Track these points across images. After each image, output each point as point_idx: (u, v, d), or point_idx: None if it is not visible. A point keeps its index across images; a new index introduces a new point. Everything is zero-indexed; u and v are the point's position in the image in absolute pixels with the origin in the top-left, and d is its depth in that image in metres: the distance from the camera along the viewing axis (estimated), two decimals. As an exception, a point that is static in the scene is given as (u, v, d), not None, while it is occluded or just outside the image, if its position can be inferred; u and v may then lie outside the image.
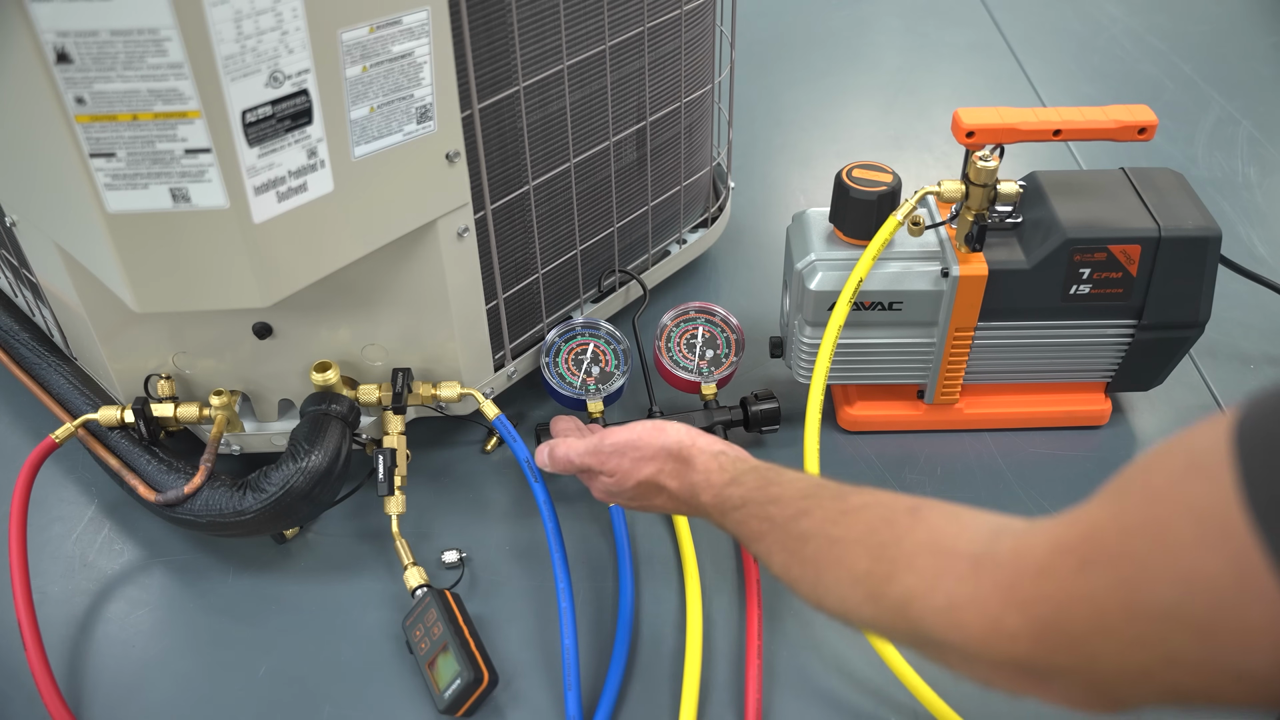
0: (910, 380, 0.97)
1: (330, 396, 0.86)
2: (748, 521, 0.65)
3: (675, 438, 0.73)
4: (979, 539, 0.48)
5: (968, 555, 0.48)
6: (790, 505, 0.61)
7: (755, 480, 0.66)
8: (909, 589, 0.50)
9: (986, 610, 0.45)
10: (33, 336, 0.98)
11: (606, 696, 0.78)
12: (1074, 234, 0.86)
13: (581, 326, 1.01)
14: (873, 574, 0.52)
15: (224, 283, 0.71)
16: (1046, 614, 0.42)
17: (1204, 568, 0.36)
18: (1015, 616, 0.44)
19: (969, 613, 0.46)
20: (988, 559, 0.46)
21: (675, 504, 0.74)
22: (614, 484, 0.76)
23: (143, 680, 0.82)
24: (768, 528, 0.62)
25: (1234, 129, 1.45)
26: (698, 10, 0.97)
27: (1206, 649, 0.37)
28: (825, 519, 0.58)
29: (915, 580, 0.50)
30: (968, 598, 0.46)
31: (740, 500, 0.66)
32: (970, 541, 0.48)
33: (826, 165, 1.34)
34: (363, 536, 0.92)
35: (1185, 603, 0.37)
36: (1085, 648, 0.41)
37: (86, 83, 0.61)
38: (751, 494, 0.65)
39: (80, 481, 0.98)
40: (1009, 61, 1.63)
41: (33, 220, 0.80)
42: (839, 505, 0.58)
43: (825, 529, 0.57)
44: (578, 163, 0.94)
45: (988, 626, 0.45)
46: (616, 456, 0.75)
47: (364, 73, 0.68)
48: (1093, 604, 0.40)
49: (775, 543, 0.61)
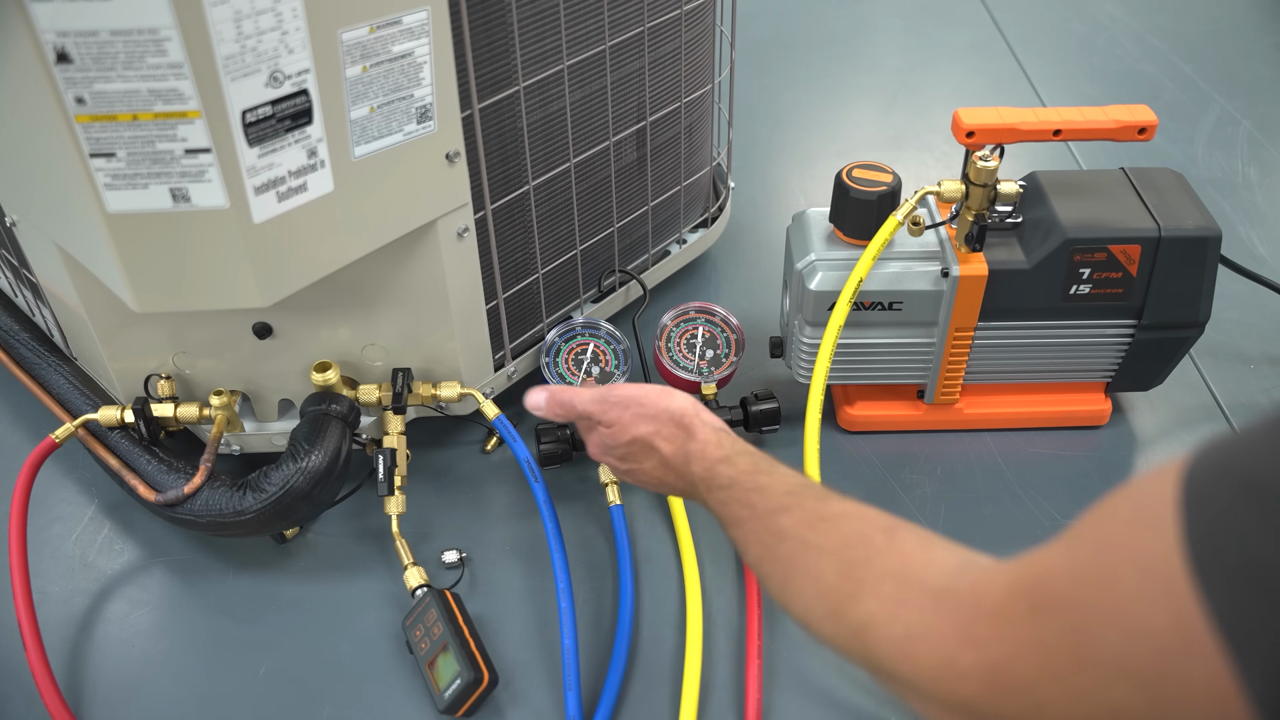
0: (910, 380, 0.97)
1: (330, 396, 0.86)
2: (730, 504, 0.65)
3: (680, 405, 0.73)
4: (944, 573, 0.48)
5: (931, 589, 0.48)
6: (774, 498, 0.62)
7: (747, 464, 0.66)
8: (870, 613, 0.50)
9: (941, 646, 0.45)
10: (33, 336, 0.98)
11: (606, 696, 0.78)
12: (1074, 234, 0.86)
13: (581, 326, 1.01)
14: (838, 590, 0.53)
15: (224, 283, 0.71)
16: (998, 657, 0.42)
17: (1148, 621, 0.36)
18: (968, 656, 0.44)
19: (923, 646, 0.46)
20: (948, 595, 0.46)
21: (664, 470, 0.73)
22: (609, 435, 0.75)
23: (143, 680, 0.82)
24: (748, 515, 0.62)
25: (1234, 129, 1.45)
26: (698, 10, 0.97)
27: (1149, 704, 0.37)
28: (804, 520, 0.58)
29: (877, 606, 0.50)
30: (925, 631, 0.46)
31: (728, 480, 0.66)
32: (936, 575, 0.48)
33: (826, 165, 1.34)
34: (363, 536, 0.92)
35: (1130, 654, 0.37)
36: (1032, 694, 0.41)
37: (86, 83, 0.61)
38: (740, 477, 0.65)
39: (80, 481, 0.98)
40: (1009, 61, 1.63)
41: (33, 220, 0.80)
42: (819, 509, 0.58)
43: (802, 531, 0.58)
44: (578, 163, 0.94)
45: (940, 663, 0.45)
46: (619, 408, 0.75)
47: (364, 73, 0.68)
48: (1042, 650, 0.40)
49: (752, 532, 0.62)
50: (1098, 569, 0.39)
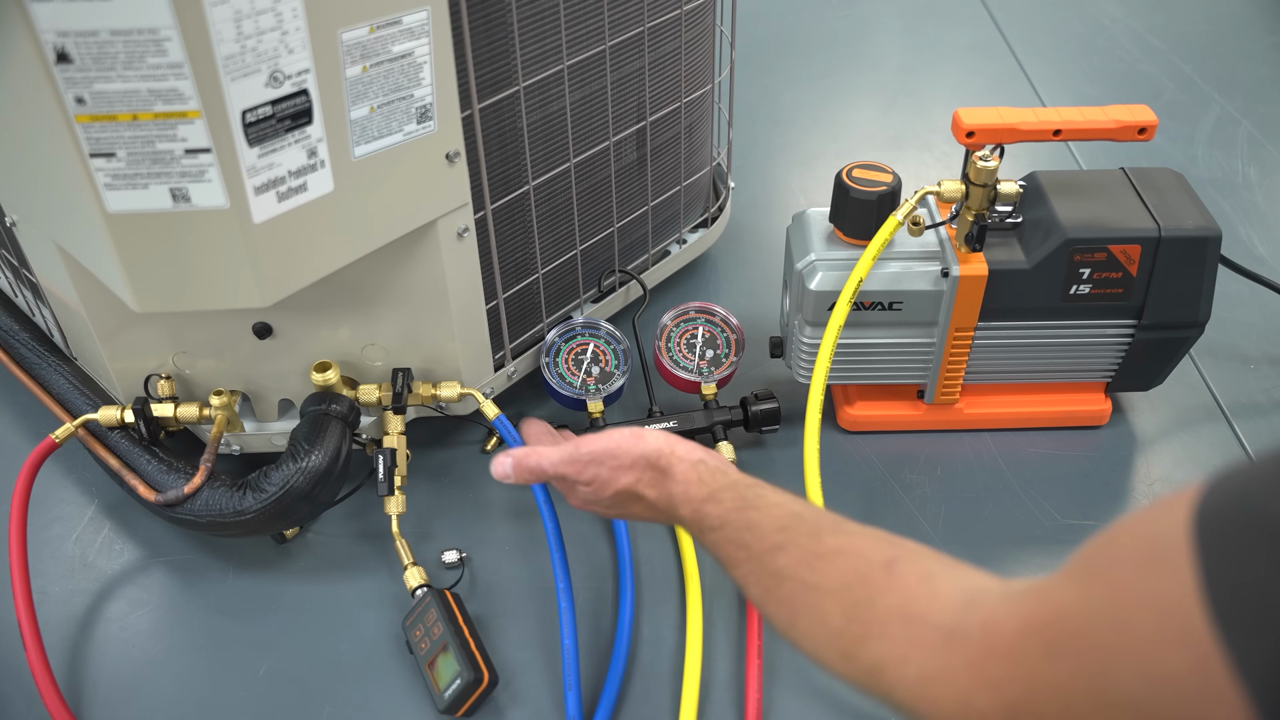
0: (910, 380, 0.97)
1: (330, 396, 0.86)
2: (724, 546, 0.63)
3: (654, 445, 0.70)
4: (951, 608, 0.48)
5: (940, 627, 0.47)
6: (767, 537, 0.60)
7: (733, 500, 0.64)
8: (881, 655, 0.50)
9: (957, 687, 0.45)
10: (33, 336, 0.98)
11: (606, 696, 0.78)
12: (1074, 234, 0.86)
13: (581, 326, 1.01)
14: (846, 633, 0.52)
15: (224, 283, 0.71)
16: (1015, 696, 0.42)
17: (1168, 666, 0.36)
18: (985, 696, 0.43)
19: (940, 688, 0.46)
20: (959, 634, 0.46)
21: (654, 513, 0.71)
22: (590, 493, 0.73)
23: (143, 680, 0.82)
24: (744, 556, 0.61)
25: (1234, 129, 1.45)
26: (698, 10, 0.97)
27: None
28: (800, 560, 0.57)
29: (887, 649, 0.49)
30: (939, 672, 0.46)
31: (718, 521, 0.64)
32: (942, 611, 0.48)
33: (826, 165, 1.34)
34: (363, 536, 0.92)
35: (1150, 699, 0.37)
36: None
37: (86, 83, 0.61)
38: (729, 516, 0.64)
39: (80, 481, 0.98)
40: (1009, 61, 1.63)
41: (33, 220, 0.80)
42: (814, 546, 0.57)
43: (800, 572, 0.57)
44: (578, 163, 0.94)
45: (958, 704, 0.45)
46: (594, 465, 0.72)
47: (364, 73, 0.68)
48: (1061, 691, 0.40)
49: (751, 574, 0.61)
50: (1113, 610, 0.39)
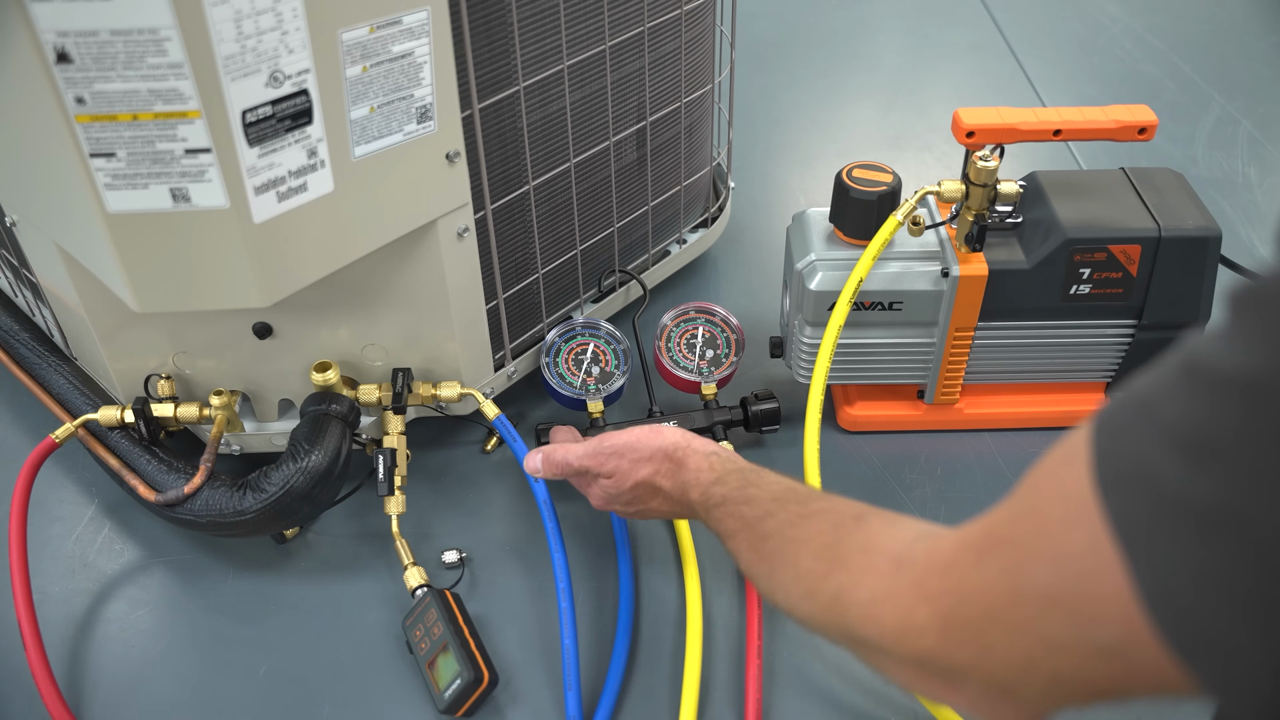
0: (910, 380, 0.97)
1: (330, 396, 0.86)
2: (724, 520, 0.68)
3: (671, 440, 0.76)
4: (905, 540, 0.51)
5: (892, 554, 0.51)
6: (761, 506, 0.65)
7: (737, 480, 0.70)
8: (840, 584, 0.53)
9: (899, 604, 0.48)
10: (33, 336, 0.98)
11: (606, 696, 0.78)
12: (1074, 234, 0.86)
13: (581, 326, 1.01)
14: (813, 571, 0.56)
15: (224, 283, 0.71)
16: (948, 607, 0.45)
17: (1070, 545, 0.38)
18: (924, 610, 0.46)
19: (885, 606, 0.49)
20: (907, 558, 0.49)
21: (669, 504, 0.76)
22: (611, 485, 0.78)
23: (143, 680, 0.82)
24: (739, 525, 0.66)
25: (1234, 129, 1.45)
26: (698, 10, 0.97)
27: (1074, 627, 0.39)
28: (786, 521, 0.62)
29: (845, 576, 0.53)
30: (886, 592, 0.49)
31: (721, 498, 0.70)
32: (898, 542, 0.51)
33: (826, 165, 1.34)
34: (363, 536, 0.92)
35: (1057, 582, 0.39)
36: (981, 639, 0.43)
37: (86, 83, 0.61)
38: (731, 493, 0.69)
39: (80, 481, 0.98)
40: (1009, 61, 1.63)
41: (33, 220, 0.80)
42: (800, 509, 0.62)
43: (784, 529, 0.61)
44: (578, 163, 0.94)
45: (900, 620, 0.47)
46: (615, 458, 0.77)
47: (364, 73, 0.68)
48: (985, 593, 0.43)
49: (744, 540, 0.65)
50: (1029, 507, 0.42)
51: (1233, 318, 0.35)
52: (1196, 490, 0.34)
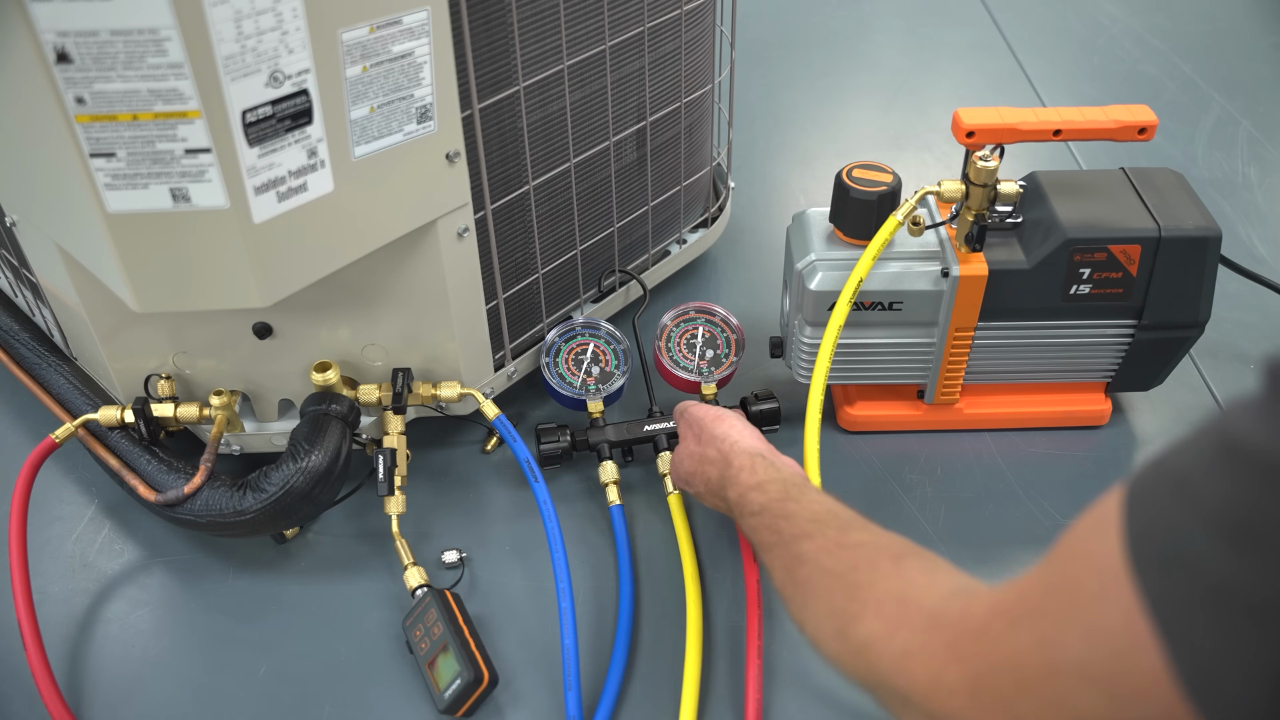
0: (910, 380, 0.97)
1: (330, 396, 0.86)
2: (760, 530, 0.68)
3: (723, 430, 0.79)
4: (941, 595, 0.51)
5: (927, 610, 0.50)
6: (799, 525, 0.65)
7: (777, 491, 0.70)
8: (872, 632, 0.52)
9: (932, 662, 0.48)
10: (33, 336, 0.98)
11: (606, 696, 0.78)
12: (1074, 234, 0.86)
13: (581, 326, 1.01)
14: (845, 611, 0.55)
15: (224, 283, 0.71)
16: (980, 671, 0.45)
17: (1105, 620, 0.38)
18: (955, 671, 0.46)
19: (918, 662, 0.49)
20: (941, 615, 0.49)
21: (711, 495, 0.79)
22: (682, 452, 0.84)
23: (143, 680, 0.82)
24: (775, 540, 0.66)
25: (1234, 129, 1.45)
26: (698, 10, 0.97)
27: (1111, 706, 0.38)
28: (823, 547, 0.61)
29: (879, 625, 0.52)
30: (919, 647, 0.49)
31: (759, 507, 0.70)
32: (933, 596, 0.51)
33: (826, 165, 1.34)
34: (363, 536, 0.92)
35: (1091, 658, 0.39)
36: (1012, 709, 0.43)
37: (86, 83, 0.61)
38: (770, 504, 0.69)
39: (80, 481, 0.98)
40: (1009, 61, 1.63)
41: (33, 220, 0.80)
42: (839, 537, 0.62)
43: (820, 557, 0.61)
44: (578, 163, 0.94)
45: (931, 677, 0.47)
46: (685, 427, 0.86)
47: (364, 73, 0.68)
48: (1017, 663, 0.43)
49: (778, 558, 0.65)
50: (1063, 577, 0.42)
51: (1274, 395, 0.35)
52: (1245, 579, 0.33)
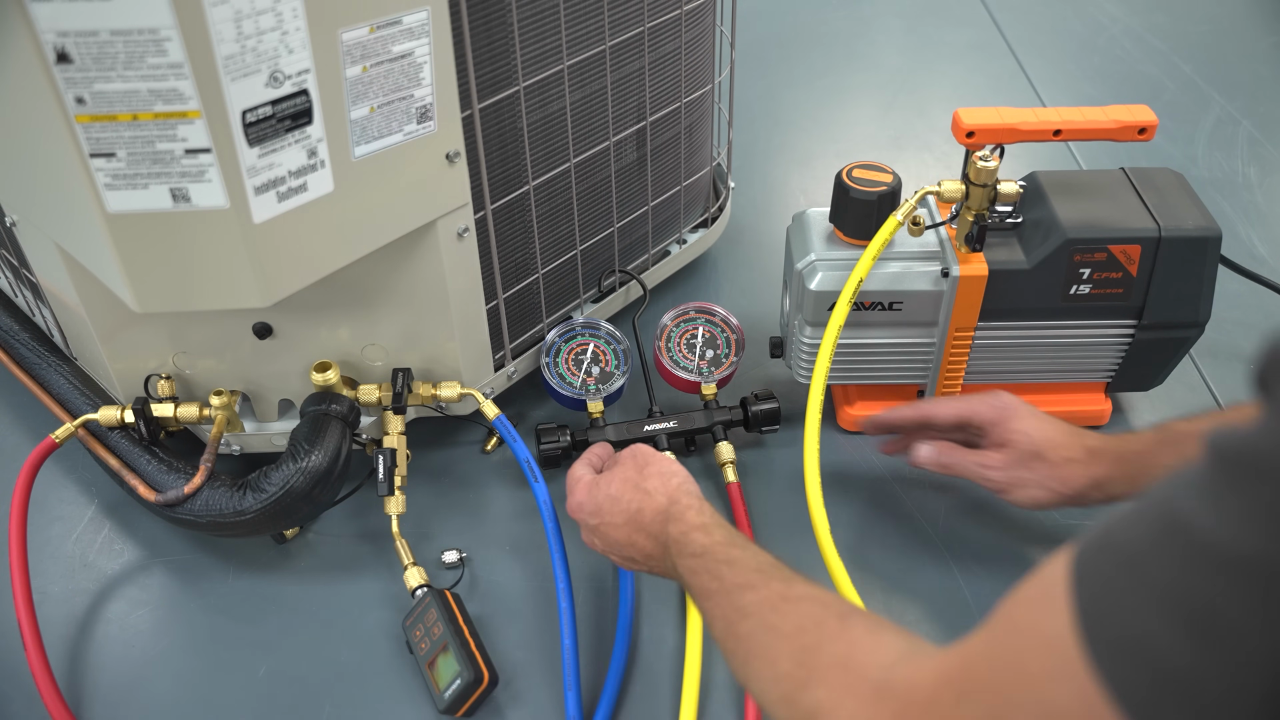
0: (910, 380, 0.97)
1: (330, 396, 0.86)
2: (699, 574, 0.65)
3: (670, 470, 0.75)
4: (885, 662, 0.50)
5: (872, 680, 0.49)
6: (742, 574, 0.62)
7: (722, 536, 0.67)
8: (818, 701, 0.52)
9: None
10: (33, 336, 0.98)
11: (606, 696, 0.78)
12: (1074, 234, 0.86)
13: (581, 326, 1.01)
14: (792, 677, 0.54)
15: (224, 283, 0.71)
16: None
17: (1056, 700, 0.37)
18: None
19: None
20: (887, 686, 0.48)
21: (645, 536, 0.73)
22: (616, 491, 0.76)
23: (143, 680, 0.82)
24: (716, 587, 0.63)
25: (1234, 129, 1.45)
26: (698, 10, 0.97)
27: None
28: (767, 601, 0.60)
29: (825, 695, 0.52)
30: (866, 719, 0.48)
31: (700, 549, 0.66)
32: (878, 664, 0.50)
33: (826, 165, 1.34)
34: (363, 536, 0.92)
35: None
36: None
37: (86, 83, 0.61)
38: (713, 547, 0.66)
39: (80, 481, 0.98)
40: (1009, 61, 1.63)
41: (33, 220, 0.80)
42: (784, 589, 0.60)
43: (764, 613, 0.59)
44: (578, 163, 0.94)
45: None
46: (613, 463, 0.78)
47: (364, 73, 0.68)
48: None
49: (718, 606, 0.63)
50: (1009, 651, 0.41)
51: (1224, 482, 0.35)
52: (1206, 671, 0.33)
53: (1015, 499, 0.82)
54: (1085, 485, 0.78)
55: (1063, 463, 0.79)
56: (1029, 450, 0.80)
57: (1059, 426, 0.82)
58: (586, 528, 0.77)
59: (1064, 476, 0.79)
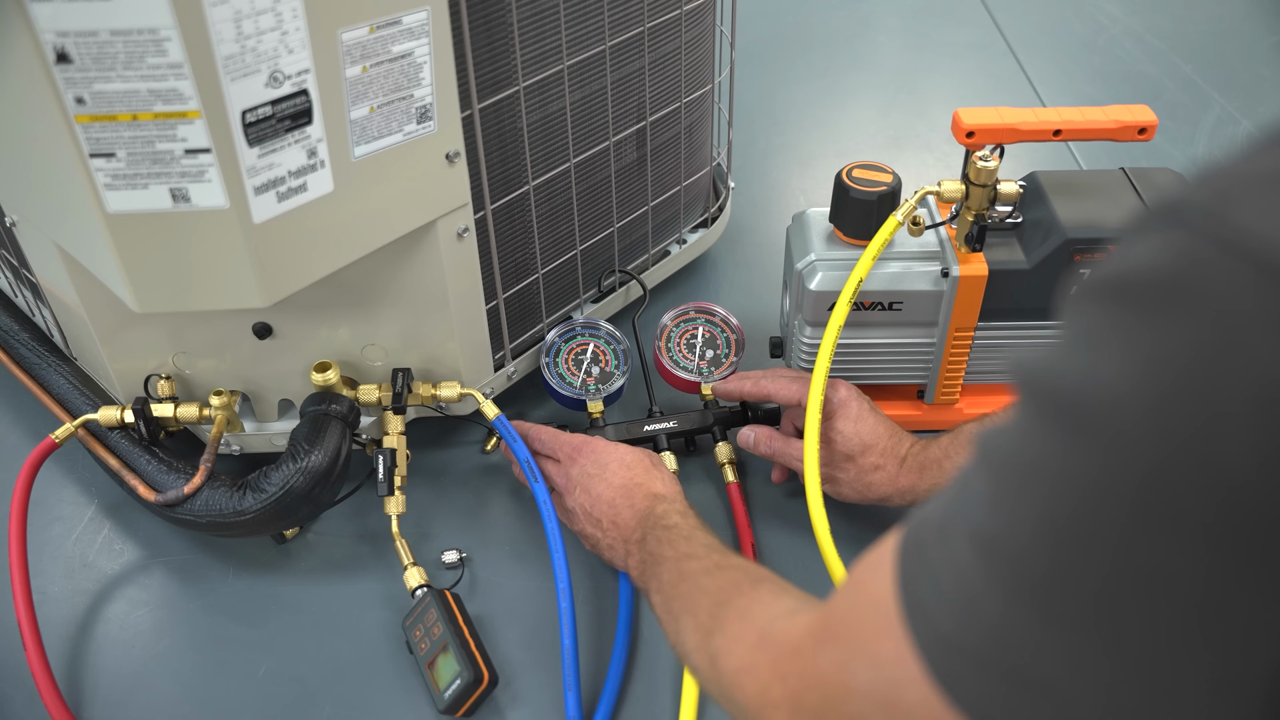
0: (910, 380, 0.97)
1: (330, 396, 0.86)
2: (662, 542, 0.73)
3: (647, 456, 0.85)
4: (775, 614, 0.54)
5: (760, 627, 0.54)
6: (693, 548, 0.70)
7: (693, 520, 0.75)
8: (718, 646, 0.57)
9: (758, 678, 0.51)
10: (33, 336, 0.98)
11: (606, 696, 0.78)
12: (1074, 234, 0.86)
13: (581, 326, 1.01)
14: (704, 627, 0.60)
15: (224, 283, 0.71)
16: (797, 688, 0.48)
17: (883, 653, 0.41)
18: (778, 688, 0.49)
19: (748, 678, 0.52)
20: (769, 634, 0.53)
21: (618, 494, 0.81)
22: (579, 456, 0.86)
23: (143, 680, 0.82)
24: (670, 555, 0.71)
25: (1234, 129, 1.45)
26: (698, 10, 0.97)
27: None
28: (704, 568, 0.66)
29: (722, 641, 0.57)
30: (749, 664, 0.53)
31: (672, 525, 0.74)
32: (768, 616, 0.55)
33: (826, 165, 1.34)
34: (363, 536, 0.92)
35: (876, 683, 0.42)
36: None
37: (86, 83, 0.61)
38: (681, 525, 0.74)
39: (80, 481, 0.98)
40: (1009, 61, 1.63)
41: (33, 220, 0.80)
42: (720, 560, 0.67)
43: (698, 576, 0.66)
44: (578, 163, 0.94)
45: (759, 693, 0.51)
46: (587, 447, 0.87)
47: (364, 73, 0.68)
48: (823, 682, 0.46)
49: (665, 571, 0.70)
50: (853, 608, 0.46)
51: (977, 469, 0.40)
52: (966, 635, 0.38)
53: (828, 491, 0.87)
54: (890, 492, 0.84)
55: (871, 469, 0.84)
56: (843, 452, 0.85)
57: (879, 431, 0.85)
58: (579, 472, 0.84)
59: (870, 482, 0.85)
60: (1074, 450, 0.34)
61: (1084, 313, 0.35)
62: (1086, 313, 0.35)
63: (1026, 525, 0.36)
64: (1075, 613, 0.35)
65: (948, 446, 0.82)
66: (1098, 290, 0.35)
